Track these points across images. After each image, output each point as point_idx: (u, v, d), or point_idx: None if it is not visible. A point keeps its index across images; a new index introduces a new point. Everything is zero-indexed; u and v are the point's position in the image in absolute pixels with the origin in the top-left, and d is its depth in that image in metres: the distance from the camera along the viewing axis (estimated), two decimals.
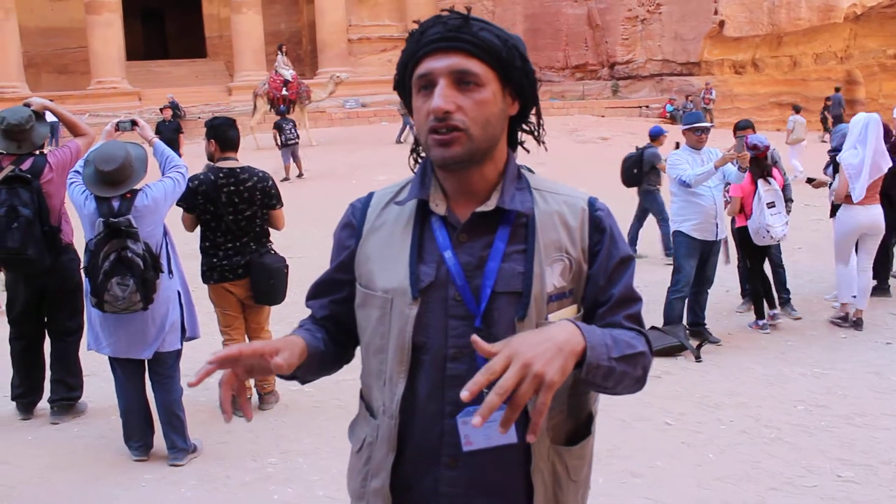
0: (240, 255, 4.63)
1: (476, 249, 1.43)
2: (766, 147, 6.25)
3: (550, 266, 1.42)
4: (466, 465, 1.42)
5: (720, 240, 6.13)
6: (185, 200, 4.51)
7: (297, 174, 16.59)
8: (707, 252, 6.09)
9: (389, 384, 1.45)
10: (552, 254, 1.43)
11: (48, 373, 4.85)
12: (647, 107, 25.13)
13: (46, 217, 4.48)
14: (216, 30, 30.81)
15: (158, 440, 4.20)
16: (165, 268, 4.01)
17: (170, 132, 16.26)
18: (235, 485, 3.90)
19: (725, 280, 7.21)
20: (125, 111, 20.01)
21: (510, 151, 1.51)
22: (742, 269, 6.90)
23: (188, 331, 4.19)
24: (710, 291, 6.35)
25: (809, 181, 7.24)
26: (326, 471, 3.93)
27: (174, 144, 15.40)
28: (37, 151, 4.66)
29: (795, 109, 17.94)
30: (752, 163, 6.03)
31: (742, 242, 6.54)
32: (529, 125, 1.54)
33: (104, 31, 24.95)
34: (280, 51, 21.38)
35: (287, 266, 4.76)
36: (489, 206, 1.43)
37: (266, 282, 4.64)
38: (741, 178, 5.98)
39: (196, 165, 5.22)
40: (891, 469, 3.93)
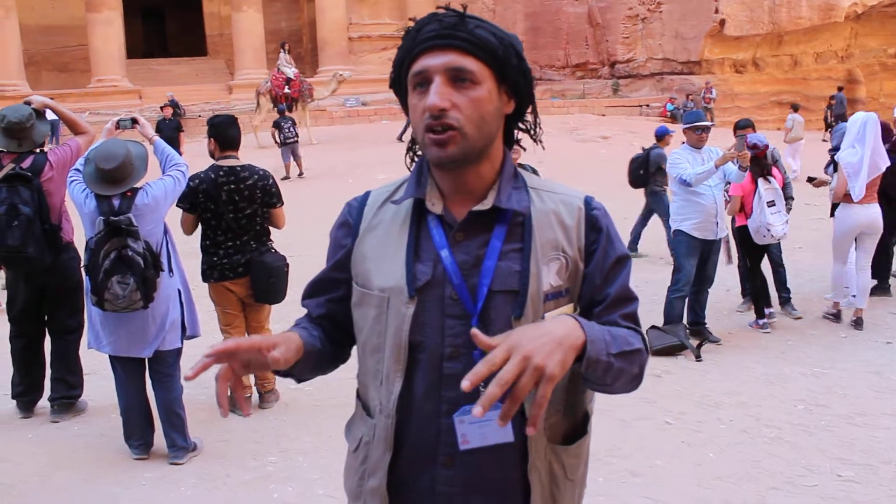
0: (240, 254, 4.63)
1: (472, 248, 1.43)
2: (766, 146, 6.25)
3: (547, 265, 1.42)
4: (463, 464, 1.42)
5: (720, 239, 6.13)
6: (186, 199, 4.51)
7: (298, 173, 16.53)
8: (707, 251, 6.09)
9: (386, 383, 1.45)
10: (549, 253, 1.43)
11: (48, 371, 4.86)
12: (648, 106, 25.10)
13: (47, 215, 4.48)
14: (217, 28, 30.78)
15: (159, 439, 4.20)
16: (166, 266, 4.02)
17: (170, 130, 16.24)
18: (235, 483, 3.90)
19: (726, 279, 7.21)
20: (125, 109, 19.98)
21: (507, 150, 1.51)
22: (742, 269, 6.90)
23: (188, 329, 4.19)
24: (711, 291, 6.35)
25: (810, 180, 7.24)
26: (326, 469, 3.93)
27: (175, 143, 15.38)
28: (37, 150, 4.66)
29: (793, 108, 17.90)
30: (752, 162, 6.03)
31: (742, 242, 6.54)
32: (526, 124, 1.54)
33: (104, 29, 24.92)
34: (283, 48, 21.29)
35: (287, 264, 4.76)
36: (486, 205, 1.43)
37: (266, 280, 4.64)
38: (742, 178, 5.98)
39: (196, 164, 5.22)
40: (891, 468, 3.93)
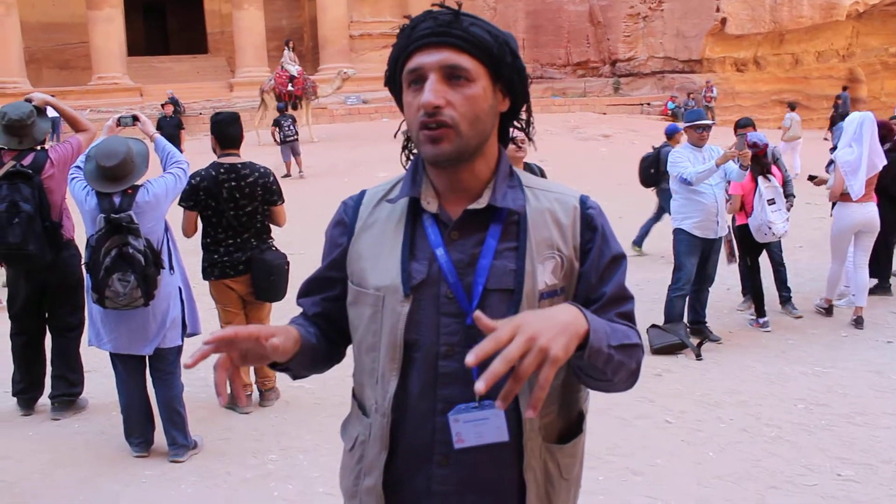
0: (241, 252, 4.63)
1: (468, 247, 1.42)
2: (766, 145, 6.27)
3: (542, 263, 1.42)
4: (458, 463, 1.42)
5: (721, 238, 6.13)
6: (187, 197, 4.51)
7: (298, 172, 16.50)
8: (708, 250, 6.09)
9: (381, 382, 1.45)
10: (544, 251, 1.43)
11: (49, 368, 4.86)
12: (649, 104, 25.09)
13: (47, 213, 4.48)
14: (217, 26, 30.74)
15: (159, 436, 4.20)
16: (166, 264, 4.02)
17: (171, 128, 16.26)
18: (236, 481, 3.91)
19: (726, 278, 7.21)
20: (126, 107, 20.01)
21: (502, 148, 1.51)
22: (742, 268, 6.89)
23: (189, 327, 4.19)
24: (711, 289, 6.35)
25: (811, 178, 7.28)
26: (327, 467, 3.93)
27: (175, 140, 15.39)
28: (38, 147, 4.65)
29: (791, 107, 17.86)
30: (752, 160, 6.03)
31: (742, 240, 6.54)
32: (521, 122, 1.53)
33: (105, 27, 24.90)
34: (287, 46, 21.18)
35: (288, 262, 4.76)
36: (481, 204, 1.43)
37: (267, 278, 4.64)
38: (742, 177, 5.99)
39: (197, 161, 5.21)
40: (891, 468, 3.93)
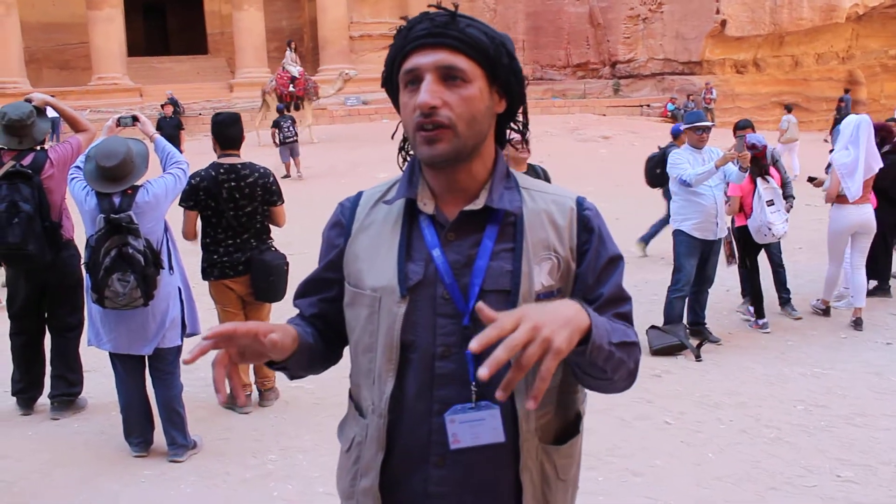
0: (240, 252, 4.63)
1: (464, 248, 1.43)
2: (764, 146, 6.29)
3: (539, 265, 1.42)
4: (455, 464, 1.42)
5: (720, 239, 6.14)
6: (187, 197, 4.51)
7: (296, 173, 16.49)
8: (707, 251, 6.09)
9: (378, 382, 1.45)
10: (540, 252, 1.43)
11: (48, 368, 4.86)
12: (649, 106, 25.09)
13: (47, 213, 4.48)
14: (217, 26, 30.74)
15: (158, 436, 4.20)
16: (166, 264, 4.02)
17: (171, 128, 16.24)
18: (235, 481, 3.91)
19: (726, 279, 7.20)
20: (126, 107, 19.99)
21: (499, 149, 1.51)
22: (742, 270, 6.89)
23: (189, 327, 4.19)
24: (711, 291, 6.35)
25: (811, 180, 7.31)
26: (326, 467, 3.93)
27: (175, 141, 15.37)
28: (38, 147, 4.65)
29: (787, 109, 17.86)
30: (751, 162, 6.04)
31: (741, 242, 6.54)
32: (517, 124, 1.54)
33: (105, 27, 24.89)
34: (289, 47, 21.16)
35: (287, 263, 4.76)
36: (477, 205, 1.43)
37: (266, 279, 4.64)
38: (742, 178, 5.99)
39: (197, 162, 5.21)
40: (890, 469, 3.94)
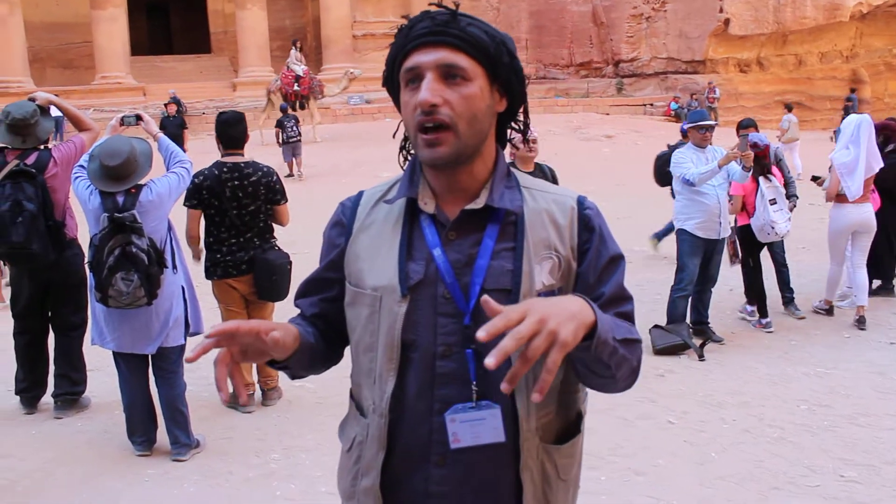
0: (243, 251, 4.63)
1: (465, 247, 1.42)
2: (767, 145, 6.30)
3: (539, 264, 1.42)
4: (455, 463, 1.42)
5: (723, 238, 6.13)
6: (190, 196, 4.52)
7: (297, 172, 16.48)
8: (711, 251, 6.09)
9: (379, 382, 1.45)
10: (541, 252, 1.43)
11: (52, 367, 4.87)
12: (652, 105, 25.08)
13: (51, 212, 4.49)
14: (221, 25, 30.78)
15: (161, 435, 4.21)
16: (169, 263, 4.02)
17: (174, 128, 16.25)
18: (238, 480, 3.91)
19: (729, 279, 7.20)
20: (130, 106, 20.05)
21: (499, 149, 1.51)
22: (746, 271, 6.88)
23: (192, 326, 4.20)
24: (714, 290, 6.35)
25: (814, 179, 7.32)
26: (329, 467, 3.90)
27: (178, 140, 15.39)
28: (41, 146, 4.66)
29: (787, 108, 17.82)
30: (753, 161, 6.03)
31: (744, 241, 6.55)
32: (518, 123, 1.54)
33: (109, 26, 24.94)
34: (294, 46, 21.13)
35: (290, 262, 4.77)
36: (478, 204, 1.43)
37: (269, 278, 4.65)
38: (745, 178, 5.99)
39: (200, 161, 5.22)
40: (894, 469, 3.93)
